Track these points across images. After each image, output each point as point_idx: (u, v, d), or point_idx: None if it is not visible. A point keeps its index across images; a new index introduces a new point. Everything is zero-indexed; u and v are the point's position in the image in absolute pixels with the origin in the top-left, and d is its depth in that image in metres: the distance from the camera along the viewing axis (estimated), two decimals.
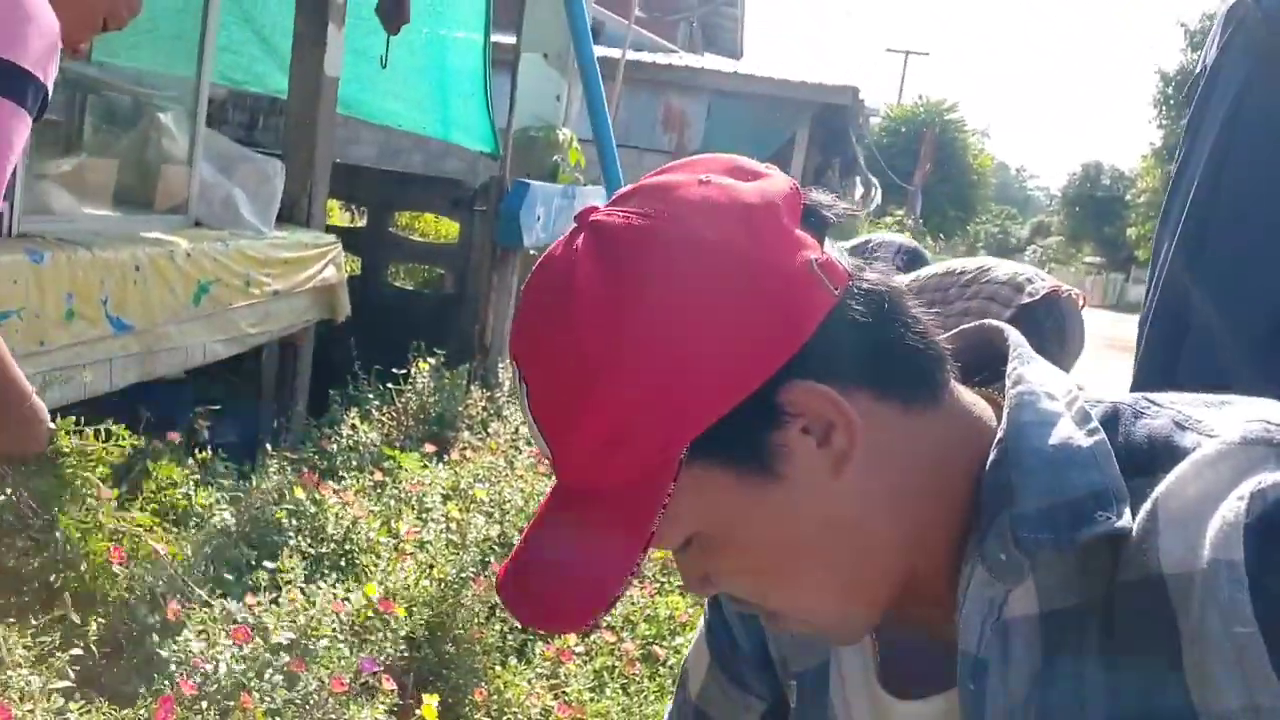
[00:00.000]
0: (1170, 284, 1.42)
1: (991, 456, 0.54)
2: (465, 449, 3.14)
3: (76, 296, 2.31)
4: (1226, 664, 0.46)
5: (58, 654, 1.30)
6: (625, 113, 12.78)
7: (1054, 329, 2.34)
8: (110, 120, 3.50)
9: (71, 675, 1.28)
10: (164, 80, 3.83)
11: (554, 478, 0.57)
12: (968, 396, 0.59)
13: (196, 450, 2.44)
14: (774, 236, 0.52)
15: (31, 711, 1.14)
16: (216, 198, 3.27)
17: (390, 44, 4.31)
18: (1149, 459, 0.51)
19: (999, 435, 0.55)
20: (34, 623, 1.38)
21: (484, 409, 3.55)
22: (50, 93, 1.14)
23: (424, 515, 2.54)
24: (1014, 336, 0.61)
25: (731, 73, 14.36)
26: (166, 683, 1.41)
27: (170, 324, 2.68)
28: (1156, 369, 1.44)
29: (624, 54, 6.52)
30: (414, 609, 1.99)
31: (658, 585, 2.58)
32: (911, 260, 2.87)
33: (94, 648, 1.39)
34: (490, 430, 3.36)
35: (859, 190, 18.14)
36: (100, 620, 1.48)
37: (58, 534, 1.54)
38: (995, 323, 0.64)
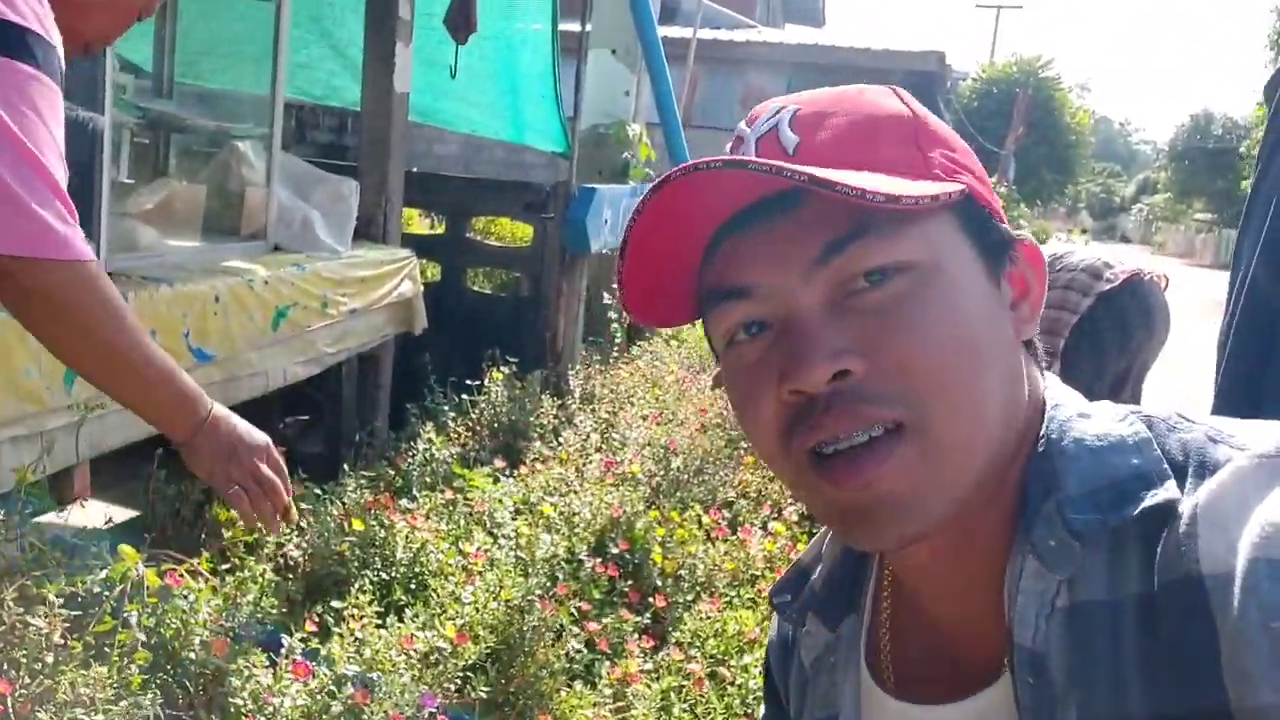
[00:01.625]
0: (1255, 293, 1.35)
1: (1037, 450, 0.56)
2: (536, 460, 3.19)
3: (160, 332, 2.43)
4: (1263, 659, 0.45)
5: (125, 696, 1.38)
6: (703, 93, 12.66)
7: (1139, 312, 2.24)
8: (194, 150, 3.66)
9: (140, 717, 1.36)
10: (247, 102, 3.96)
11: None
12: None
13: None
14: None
15: None
16: (295, 220, 3.38)
17: (460, 53, 4.37)
18: (1182, 467, 0.52)
19: (1040, 431, 0.57)
20: (112, 660, 1.47)
21: (555, 417, 3.60)
22: (62, 56, 1.04)
23: (494, 532, 2.59)
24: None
25: (811, 44, 14.06)
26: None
27: (250, 350, 2.79)
28: (1242, 382, 1.36)
29: (694, 34, 6.45)
30: (480, 633, 2.04)
31: (726, 600, 2.58)
32: None
33: (156, 689, 1.47)
34: (561, 439, 3.40)
35: None
36: (168, 658, 1.57)
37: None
38: None
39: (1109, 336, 2.31)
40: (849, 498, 0.55)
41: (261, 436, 1.19)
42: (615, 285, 0.62)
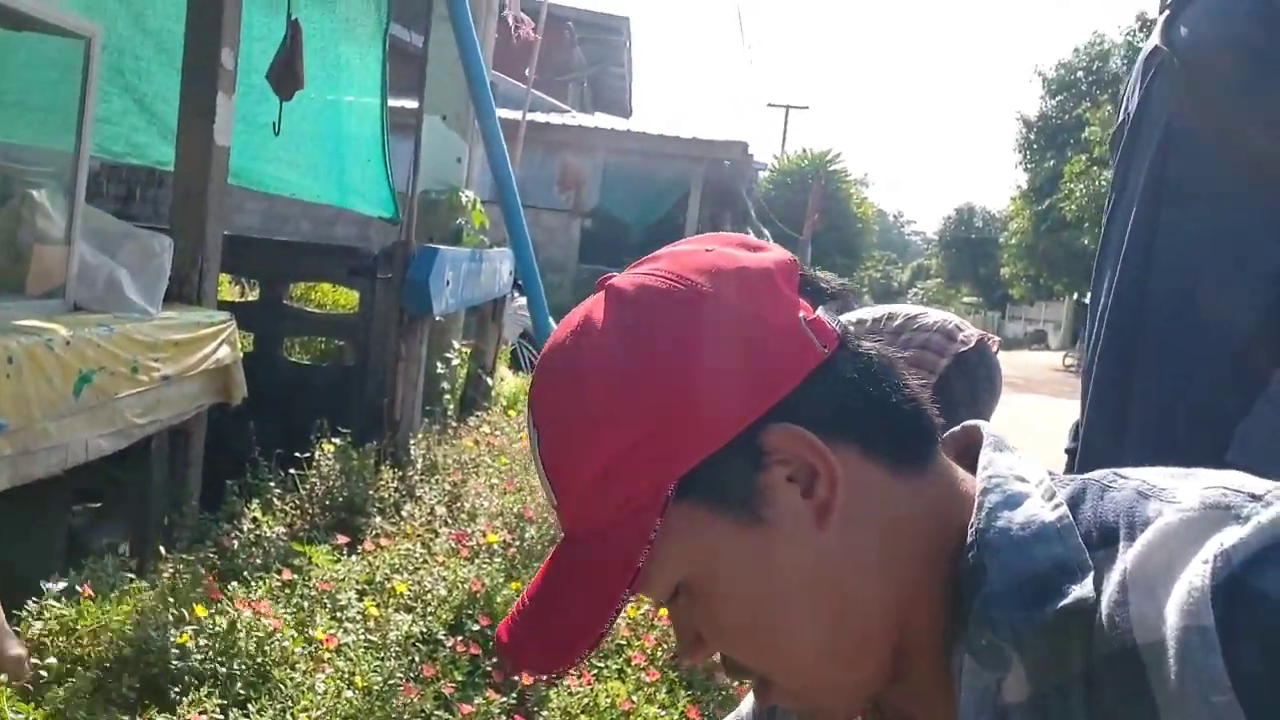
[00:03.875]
0: (1112, 327, 1.42)
1: (967, 541, 0.55)
2: (379, 536, 2.96)
3: None
4: None
5: None
6: (522, 172, 12.77)
7: (985, 375, 2.36)
8: None
9: None
10: (37, 155, 3.58)
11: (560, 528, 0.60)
12: (958, 473, 0.60)
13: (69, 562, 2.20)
14: (767, 296, 0.56)
15: None
16: (99, 278, 3.05)
17: (283, 110, 4.16)
18: (1113, 530, 0.52)
19: (971, 520, 0.55)
20: None
21: (396, 490, 3.37)
22: None
23: (339, 615, 2.36)
24: (987, 430, 0.63)
25: (625, 131, 14.57)
26: None
27: (48, 420, 2.44)
28: (1108, 408, 1.43)
29: (524, 115, 6.51)
30: None
31: (595, 671, 2.45)
32: (843, 308, 2.91)
33: None
34: (404, 513, 3.19)
35: None
36: None
37: None
38: (975, 422, 0.66)
39: (961, 397, 2.41)
40: None
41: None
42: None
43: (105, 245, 3.18)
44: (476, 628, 2.44)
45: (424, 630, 2.36)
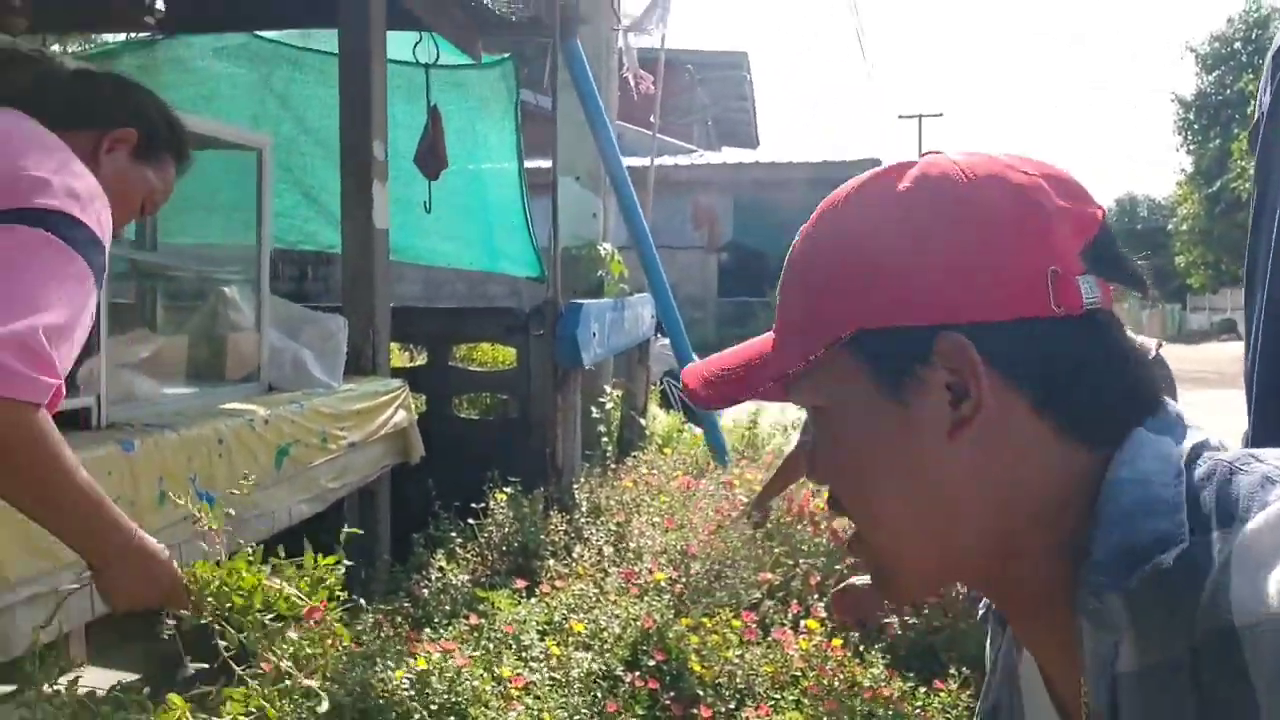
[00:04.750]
0: (1270, 341, 1.37)
1: (1091, 514, 0.57)
2: (554, 578, 3.11)
3: (167, 479, 2.36)
4: None
5: None
6: (655, 215, 13.05)
7: (1168, 383, 2.29)
8: (178, 300, 3.66)
9: None
10: (227, 251, 3.99)
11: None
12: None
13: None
14: (1036, 235, 0.58)
15: None
16: (286, 360, 3.36)
17: (431, 189, 4.49)
18: (1232, 513, 0.52)
19: (1098, 496, 0.57)
20: None
21: (565, 533, 3.53)
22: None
23: (523, 655, 2.50)
24: (1170, 407, 0.63)
25: (751, 163, 14.62)
26: None
27: (256, 491, 2.72)
28: (1273, 428, 1.37)
29: (652, 161, 6.69)
30: None
31: (773, 703, 2.48)
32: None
33: None
34: (574, 555, 3.33)
35: None
36: None
37: None
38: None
39: None
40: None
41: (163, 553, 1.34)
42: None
43: (289, 330, 3.51)
44: (652, 663, 2.52)
45: (603, 667, 2.46)
